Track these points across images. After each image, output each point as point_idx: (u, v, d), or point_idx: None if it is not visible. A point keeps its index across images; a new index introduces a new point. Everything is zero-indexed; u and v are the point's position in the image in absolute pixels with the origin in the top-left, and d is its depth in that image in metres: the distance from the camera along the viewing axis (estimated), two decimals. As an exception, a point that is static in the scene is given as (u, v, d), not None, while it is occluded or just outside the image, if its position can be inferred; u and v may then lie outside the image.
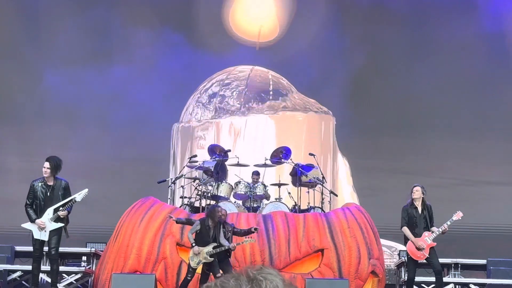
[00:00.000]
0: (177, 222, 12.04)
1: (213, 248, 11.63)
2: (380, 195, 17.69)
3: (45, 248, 12.19)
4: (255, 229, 11.74)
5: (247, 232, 11.71)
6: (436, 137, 18.05)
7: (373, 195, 17.79)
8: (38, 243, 11.91)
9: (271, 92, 18.42)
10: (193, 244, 11.72)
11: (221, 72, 18.74)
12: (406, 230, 12.26)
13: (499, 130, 18.19)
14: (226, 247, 11.64)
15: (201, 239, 11.73)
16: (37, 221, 11.77)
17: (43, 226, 11.76)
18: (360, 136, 18.00)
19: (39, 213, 11.87)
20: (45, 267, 13.19)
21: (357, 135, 18.01)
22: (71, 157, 17.40)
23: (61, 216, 11.76)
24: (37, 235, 11.82)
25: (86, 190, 11.99)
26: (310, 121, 17.41)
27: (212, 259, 11.60)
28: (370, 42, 18.41)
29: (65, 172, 12.45)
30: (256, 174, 14.68)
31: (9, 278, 13.81)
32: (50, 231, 11.82)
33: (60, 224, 11.83)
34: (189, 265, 11.80)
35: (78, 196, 11.92)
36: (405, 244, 12.45)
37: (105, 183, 17.58)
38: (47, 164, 11.94)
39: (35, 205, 11.93)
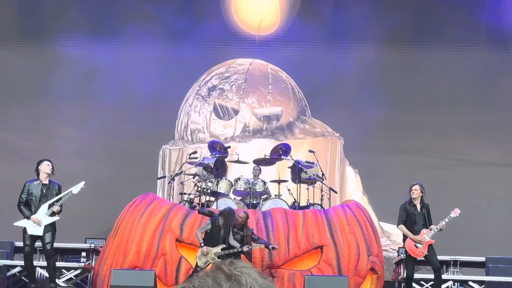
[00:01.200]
0: (199, 212, 12.10)
1: (222, 249, 11.63)
2: (381, 177, 17.89)
3: (37, 244, 12.24)
4: (273, 248, 11.78)
5: (265, 245, 11.75)
6: (438, 116, 18.19)
7: (374, 176, 17.99)
8: (30, 240, 11.94)
9: (270, 86, 18.47)
10: (202, 244, 11.70)
11: (221, 65, 18.75)
12: (403, 228, 12.29)
13: (504, 110, 18.34)
14: (236, 250, 11.64)
15: (211, 239, 11.72)
16: (33, 217, 11.82)
17: (39, 222, 11.78)
18: (360, 115, 18.14)
19: (34, 210, 11.93)
20: (43, 262, 13.21)
21: (358, 115, 18.15)
22: (83, 135, 17.79)
23: (55, 211, 11.80)
24: (32, 231, 11.85)
25: (83, 182, 12.06)
26: (315, 145, 17.02)
27: (220, 260, 11.45)
28: (375, 28, 18.55)
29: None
30: (257, 167, 14.88)
31: (9, 273, 13.89)
32: (45, 226, 11.86)
33: (55, 218, 11.89)
34: (196, 264, 11.80)
35: (75, 189, 11.99)
36: (403, 241, 12.44)
37: (108, 164, 17.78)
38: (50, 164, 12.11)
39: (30, 203, 11.99)
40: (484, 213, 17.42)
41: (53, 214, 11.87)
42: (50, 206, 11.89)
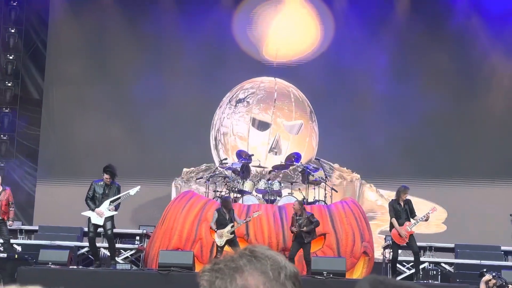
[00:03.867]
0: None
1: (231, 227, 12.84)
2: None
3: (99, 230, 13.28)
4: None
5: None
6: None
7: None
8: (93, 227, 12.98)
9: (292, 99, 18.85)
10: (216, 230, 12.90)
11: (249, 81, 19.12)
12: (394, 221, 13.24)
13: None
14: (242, 223, 12.90)
15: (220, 224, 12.92)
16: (97, 210, 12.85)
17: (101, 214, 12.88)
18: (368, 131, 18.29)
19: (98, 204, 12.95)
20: (106, 244, 13.91)
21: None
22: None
23: (110, 210, 13.00)
24: (95, 220, 12.90)
25: (139, 187, 13.17)
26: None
27: (233, 235, 12.91)
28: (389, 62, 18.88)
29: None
30: (274, 172, 15.62)
31: (79, 252, 14.90)
32: (106, 217, 12.86)
33: (114, 212, 12.99)
34: (217, 245, 13.00)
35: (132, 191, 13.07)
36: (390, 231, 13.50)
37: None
38: (107, 176, 13.06)
39: (95, 198, 13.00)
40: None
41: (113, 209, 13.03)
42: (111, 202, 12.93)
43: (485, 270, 12.18)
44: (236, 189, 14.90)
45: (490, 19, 18.49)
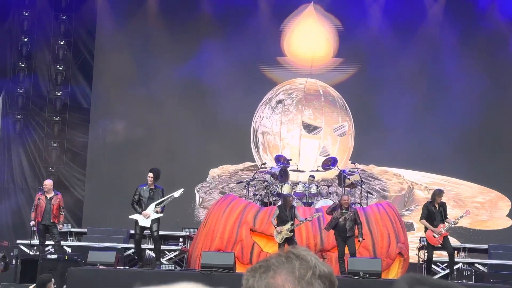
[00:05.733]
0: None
1: (291, 225, 12.90)
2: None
3: (145, 232, 13.58)
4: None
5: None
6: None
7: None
8: (140, 230, 13.25)
9: (336, 101, 19.09)
10: (275, 226, 12.91)
11: (286, 82, 19.37)
12: (424, 222, 13.22)
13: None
14: (303, 221, 12.92)
15: (280, 221, 12.97)
16: (144, 212, 13.11)
17: (148, 216, 13.11)
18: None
19: (144, 207, 13.18)
20: (152, 246, 14.21)
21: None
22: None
23: (158, 212, 13.21)
24: (142, 222, 13.16)
25: (182, 189, 13.36)
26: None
27: (292, 234, 12.95)
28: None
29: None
30: (312, 177, 15.67)
31: (125, 253, 15.20)
32: (152, 219, 13.12)
33: (160, 215, 13.21)
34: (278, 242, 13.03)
35: (176, 194, 13.26)
36: (425, 232, 13.39)
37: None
38: (151, 175, 13.36)
39: (141, 202, 13.23)
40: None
41: (159, 211, 13.22)
42: (156, 205, 13.16)
43: (518, 270, 12.66)
44: (275, 192, 15.02)
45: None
